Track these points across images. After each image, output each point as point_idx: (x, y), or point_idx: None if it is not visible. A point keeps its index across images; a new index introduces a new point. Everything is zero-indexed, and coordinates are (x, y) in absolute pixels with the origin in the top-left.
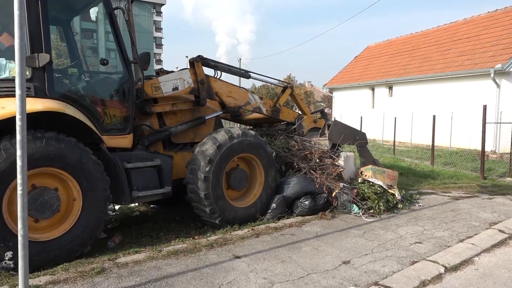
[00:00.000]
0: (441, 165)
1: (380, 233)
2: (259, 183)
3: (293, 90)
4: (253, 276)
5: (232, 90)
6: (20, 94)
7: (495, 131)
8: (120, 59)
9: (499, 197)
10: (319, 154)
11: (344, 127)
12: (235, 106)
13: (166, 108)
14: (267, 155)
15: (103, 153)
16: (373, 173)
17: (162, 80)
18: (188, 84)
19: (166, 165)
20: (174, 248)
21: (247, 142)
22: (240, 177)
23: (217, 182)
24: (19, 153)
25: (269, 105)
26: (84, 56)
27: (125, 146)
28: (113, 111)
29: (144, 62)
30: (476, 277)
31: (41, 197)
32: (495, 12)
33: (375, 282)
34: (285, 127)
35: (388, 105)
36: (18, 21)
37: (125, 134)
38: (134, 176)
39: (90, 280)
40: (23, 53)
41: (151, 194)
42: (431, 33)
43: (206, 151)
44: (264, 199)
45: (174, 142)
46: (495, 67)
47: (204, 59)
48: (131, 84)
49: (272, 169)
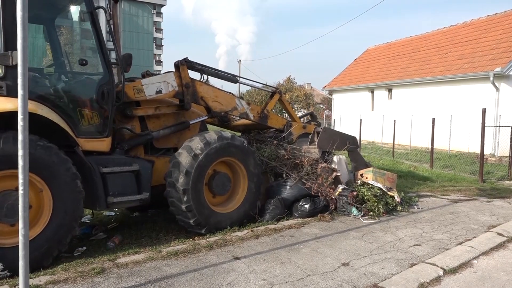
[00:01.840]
0: (440, 168)
1: (379, 235)
2: (242, 187)
3: (281, 96)
4: (253, 277)
5: (219, 94)
6: (22, 95)
7: (494, 135)
8: (100, 60)
9: (498, 200)
10: (310, 162)
11: (334, 133)
12: (221, 111)
13: (148, 112)
14: (248, 158)
15: (78, 157)
16: (374, 175)
17: (145, 83)
18: (172, 87)
19: (145, 171)
20: (173, 249)
21: (224, 146)
22: (222, 182)
23: (197, 192)
24: (20, 153)
25: (257, 111)
26: (66, 55)
27: (103, 149)
28: (91, 113)
29: (125, 63)
30: (474, 280)
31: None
32: (494, 15)
33: (374, 284)
34: (274, 134)
35: (387, 107)
36: (21, 22)
37: (103, 137)
38: (110, 181)
39: (90, 280)
40: (26, 54)
41: (128, 200)
42: (431, 36)
43: (182, 163)
44: (249, 202)
45: (156, 147)
46: (495, 70)
47: (190, 62)
48: (111, 85)
49: (256, 170)
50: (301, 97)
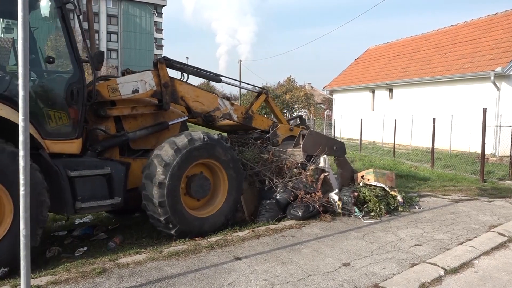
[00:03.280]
0: (441, 168)
1: (380, 235)
2: (222, 192)
3: (268, 96)
4: (254, 277)
5: (200, 94)
6: (24, 95)
7: (495, 134)
8: (70, 58)
9: (499, 200)
10: (295, 166)
11: (320, 137)
12: (202, 111)
13: (124, 112)
14: (231, 161)
15: (44, 159)
16: (375, 176)
17: (120, 82)
18: (150, 86)
19: (117, 174)
20: (174, 249)
21: (197, 148)
22: (201, 184)
23: (174, 202)
24: (22, 153)
25: (241, 112)
26: (36, 53)
27: (72, 152)
28: (59, 114)
29: (97, 61)
30: (475, 280)
31: None
32: (495, 15)
33: (375, 284)
34: (259, 135)
35: (388, 107)
36: (22, 22)
37: (73, 138)
38: (79, 185)
39: (91, 280)
40: (26, 55)
41: (97, 206)
42: (431, 36)
43: (154, 174)
44: (227, 208)
45: (133, 148)
46: (495, 70)
47: (169, 60)
48: (82, 84)
49: (238, 176)
50: (302, 97)
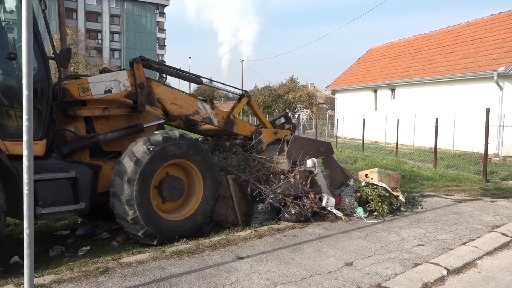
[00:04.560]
0: (443, 168)
1: (382, 235)
2: (197, 195)
3: (250, 99)
4: (256, 277)
5: (178, 97)
6: (27, 95)
7: (498, 134)
8: (35, 54)
9: (502, 200)
10: (281, 173)
11: (305, 141)
12: (180, 114)
13: (95, 112)
14: (207, 163)
15: (1, 162)
16: (379, 176)
17: (92, 81)
18: (124, 87)
19: (83, 177)
20: (177, 249)
21: (171, 147)
22: (174, 186)
23: (143, 201)
24: (25, 153)
25: (222, 116)
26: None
27: (35, 153)
28: (21, 113)
29: (63, 58)
30: (478, 280)
31: None
32: (498, 14)
33: (377, 284)
34: (242, 141)
35: (390, 107)
36: (27, 22)
37: (36, 139)
38: (40, 189)
39: (94, 279)
40: (30, 54)
41: (59, 211)
42: (434, 36)
43: (124, 170)
44: (201, 213)
45: (105, 150)
46: (498, 70)
47: (146, 60)
48: (46, 82)
49: (214, 180)
50: (304, 96)
